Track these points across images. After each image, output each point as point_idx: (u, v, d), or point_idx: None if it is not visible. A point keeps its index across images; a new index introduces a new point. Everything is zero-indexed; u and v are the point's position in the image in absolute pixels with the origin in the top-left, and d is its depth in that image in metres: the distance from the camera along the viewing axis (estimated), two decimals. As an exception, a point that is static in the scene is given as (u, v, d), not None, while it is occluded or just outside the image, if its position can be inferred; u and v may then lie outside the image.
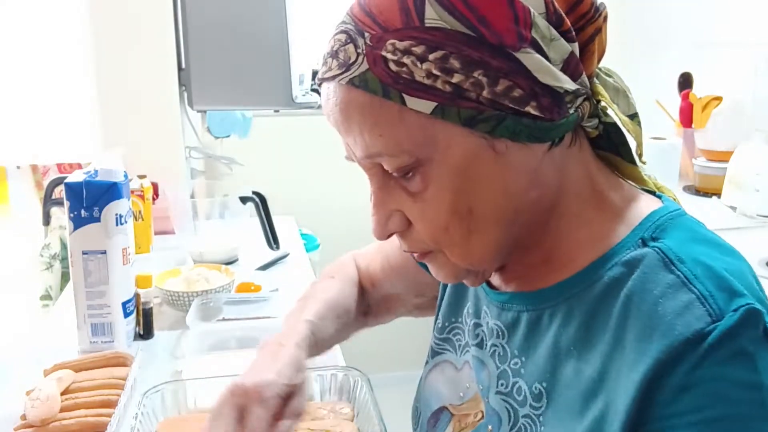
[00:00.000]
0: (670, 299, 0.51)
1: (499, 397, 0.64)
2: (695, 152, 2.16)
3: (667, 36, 2.36)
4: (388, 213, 0.60)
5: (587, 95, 0.58)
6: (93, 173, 1.09)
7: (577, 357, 0.57)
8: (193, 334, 1.08)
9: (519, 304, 0.64)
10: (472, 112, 0.53)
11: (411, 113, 0.54)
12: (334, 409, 0.85)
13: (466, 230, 0.58)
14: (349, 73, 0.54)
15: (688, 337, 0.49)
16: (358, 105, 0.55)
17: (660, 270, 0.53)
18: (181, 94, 1.77)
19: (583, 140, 0.61)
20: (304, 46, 1.78)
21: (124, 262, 1.12)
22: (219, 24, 1.62)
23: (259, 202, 1.52)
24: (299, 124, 2.63)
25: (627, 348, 0.53)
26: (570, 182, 0.60)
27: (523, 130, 0.54)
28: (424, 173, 0.56)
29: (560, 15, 0.55)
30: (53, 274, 1.61)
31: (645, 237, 0.57)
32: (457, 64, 0.52)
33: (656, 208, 0.60)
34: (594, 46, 0.58)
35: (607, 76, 0.62)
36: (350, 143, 0.58)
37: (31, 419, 0.85)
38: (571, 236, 0.61)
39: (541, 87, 0.54)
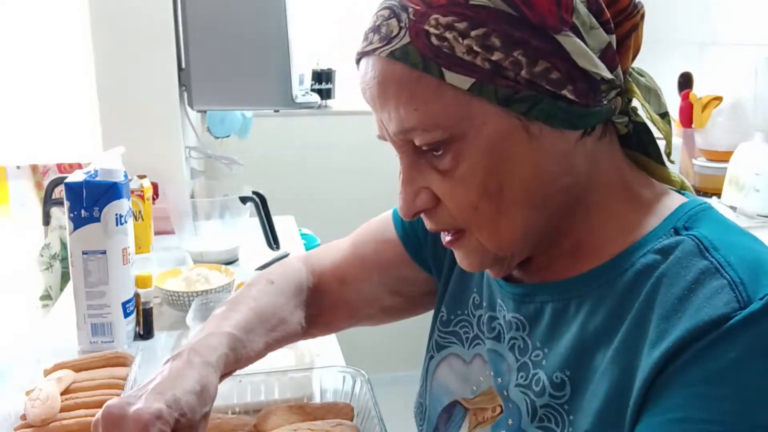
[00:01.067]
0: (702, 285, 0.52)
1: (518, 389, 0.64)
2: (695, 152, 2.16)
3: (667, 36, 2.36)
4: (416, 190, 0.60)
5: (621, 89, 0.58)
6: (93, 173, 1.09)
7: (608, 345, 0.57)
8: (193, 334, 1.08)
9: (543, 295, 0.64)
10: (509, 91, 0.54)
11: (449, 88, 0.54)
12: (334, 409, 0.85)
13: (496, 211, 0.58)
14: (391, 45, 0.55)
15: (713, 319, 0.49)
16: (396, 77, 0.55)
17: (695, 256, 0.54)
18: (181, 94, 1.77)
19: (613, 135, 0.61)
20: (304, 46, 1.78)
21: (124, 262, 1.12)
22: (219, 24, 1.62)
23: (259, 202, 1.52)
24: (299, 124, 2.63)
25: (650, 328, 0.53)
26: (600, 174, 0.60)
27: (558, 113, 0.55)
28: (456, 150, 0.56)
29: (600, 5, 0.56)
30: (53, 274, 1.61)
31: (677, 226, 0.57)
32: (497, 42, 0.53)
33: (685, 201, 0.60)
34: (630, 42, 0.59)
35: (639, 75, 0.62)
36: (384, 119, 0.58)
37: (31, 419, 0.85)
38: (599, 228, 0.61)
39: (578, 71, 0.54)
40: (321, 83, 2.57)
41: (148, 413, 0.55)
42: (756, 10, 2.03)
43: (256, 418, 0.86)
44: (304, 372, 0.93)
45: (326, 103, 2.60)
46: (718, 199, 1.95)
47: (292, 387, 0.91)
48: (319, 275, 0.86)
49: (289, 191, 2.52)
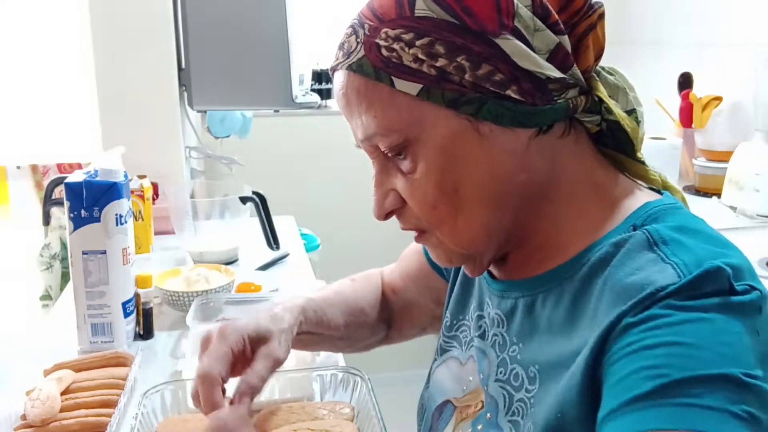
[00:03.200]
0: (645, 270, 0.54)
1: (497, 384, 0.66)
2: (695, 152, 2.16)
3: (667, 36, 2.36)
4: (385, 193, 0.65)
5: (581, 88, 0.60)
6: (93, 173, 1.09)
7: (565, 336, 0.59)
8: (193, 334, 1.08)
9: (516, 291, 0.67)
10: (455, 95, 0.57)
11: (400, 95, 0.58)
12: (334, 409, 0.85)
13: (453, 210, 0.61)
14: (349, 59, 0.60)
15: (651, 292, 0.51)
16: (355, 88, 0.60)
17: (643, 248, 0.56)
18: (181, 94, 1.77)
19: (581, 134, 0.63)
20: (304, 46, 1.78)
21: (124, 262, 1.12)
22: (219, 24, 1.62)
23: (259, 202, 1.52)
24: (299, 124, 2.63)
25: (599, 314, 0.55)
26: (564, 172, 0.62)
27: (505, 113, 0.58)
28: (413, 153, 0.60)
29: (546, 8, 0.58)
30: (53, 274, 1.61)
31: (636, 224, 0.59)
32: (441, 49, 0.57)
33: (651, 200, 0.62)
34: (588, 41, 0.61)
35: (608, 74, 0.64)
36: (354, 127, 0.64)
37: (31, 419, 0.85)
38: (566, 225, 0.63)
39: (521, 72, 0.57)
40: (321, 83, 2.57)
41: (229, 323, 0.71)
42: (756, 10, 2.03)
43: (256, 418, 0.86)
44: (304, 372, 0.93)
45: (326, 103, 2.60)
46: (718, 199, 1.95)
47: (292, 387, 0.91)
48: (383, 283, 0.95)
49: (289, 191, 2.52)
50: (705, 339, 0.48)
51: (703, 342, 0.48)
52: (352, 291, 0.90)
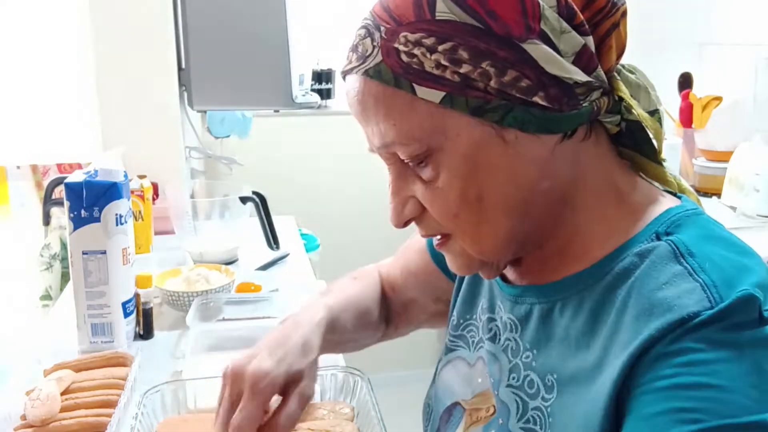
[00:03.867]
0: (673, 286, 0.52)
1: (509, 390, 0.65)
2: (695, 152, 2.16)
3: (667, 36, 2.36)
4: (404, 200, 0.63)
5: (604, 89, 0.58)
6: (93, 173, 1.09)
7: (584, 347, 0.58)
8: (193, 334, 1.08)
9: (532, 297, 0.65)
10: (480, 102, 0.55)
11: (421, 102, 0.56)
12: (334, 409, 0.85)
13: (476, 219, 0.59)
14: (365, 64, 0.57)
15: (682, 317, 0.50)
16: (372, 95, 0.57)
17: (669, 260, 0.54)
18: (181, 94, 1.77)
19: (601, 135, 0.61)
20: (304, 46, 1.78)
21: (124, 262, 1.12)
22: (219, 24, 1.62)
23: (259, 202, 1.52)
24: (299, 124, 2.63)
25: (623, 330, 0.54)
26: (585, 176, 0.60)
27: (532, 120, 0.55)
28: (435, 161, 0.58)
29: (572, 8, 0.56)
30: (53, 274, 1.61)
31: (659, 231, 0.57)
32: (465, 54, 0.54)
33: (673, 206, 0.60)
34: (611, 41, 0.58)
35: (629, 73, 0.62)
36: (369, 134, 0.61)
37: (31, 419, 0.85)
38: (586, 230, 0.61)
39: (548, 77, 0.55)
40: (321, 83, 2.57)
41: (259, 369, 0.66)
42: (756, 10, 2.03)
43: (256, 418, 0.86)
44: (304, 372, 0.92)
45: (326, 103, 2.60)
46: (718, 199, 1.95)
47: (292, 387, 0.91)
48: (382, 281, 0.93)
49: (289, 191, 2.52)
50: (739, 381, 0.47)
51: (737, 385, 0.47)
52: (358, 292, 0.88)
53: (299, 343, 0.70)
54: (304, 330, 0.72)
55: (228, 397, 0.66)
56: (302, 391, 0.69)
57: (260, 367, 0.66)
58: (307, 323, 0.74)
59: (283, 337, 0.71)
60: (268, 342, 0.71)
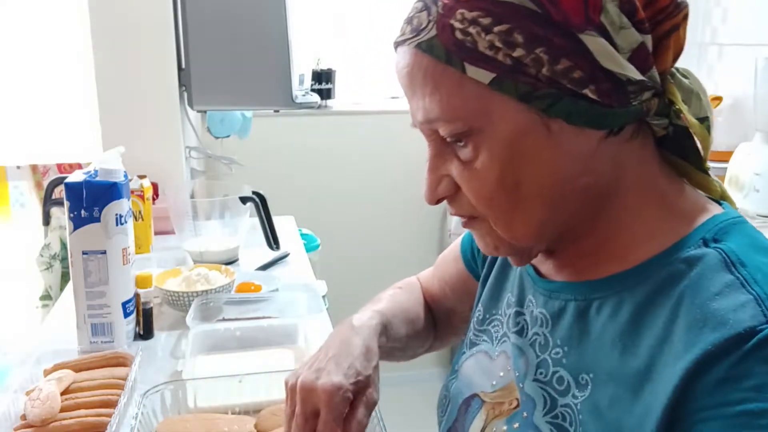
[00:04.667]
0: (726, 297, 0.51)
1: (536, 384, 0.65)
2: (695, 152, 2.16)
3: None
4: (439, 178, 0.62)
5: (656, 91, 0.58)
6: (93, 173, 1.09)
7: (622, 349, 0.57)
8: (193, 334, 1.08)
9: (567, 294, 0.64)
10: (529, 88, 0.54)
11: (470, 82, 0.55)
12: (334, 409, 0.85)
13: (511, 205, 0.59)
14: (419, 37, 0.57)
15: (739, 332, 0.49)
16: (422, 69, 0.57)
17: (720, 270, 0.53)
18: (181, 94, 1.77)
19: (648, 137, 0.60)
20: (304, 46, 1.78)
21: (124, 262, 1.12)
22: (219, 24, 1.62)
23: (259, 202, 1.52)
24: (299, 124, 2.63)
25: (675, 339, 0.53)
26: (628, 176, 0.60)
27: (579, 112, 0.55)
28: (475, 142, 0.57)
29: (634, 5, 0.55)
30: (53, 274, 1.61)
31: (707, 238, 0.57)
32: (520, 38, 0.53)
33: (719, 213, 0.60)
34: (669, 42, 0.58)
35: (683, 77, 0.61)
36: (413, 108, 0.60)
37: (31, 419, 0.85)
38: (627, 230, 0.61)
39: (602, 71, 0.54)
40: (321, 83, 2.57)
41: (332, 385, 0.66)
42: (756, 10, 2.03)
43: (256, 418, 0.86)
44: (304, 372, 0.92)
45: (326, 103, 2.60)
46: (718, 199, 1.94)
47: (292, 387, 0.91)
48: (423, 292, 0.94)
49: (289, 191, 2.52)
50: None
51: None
52: (405, 300, 0.88)
53: (362, 351, 0.71)
54: (363, 335, 0.73)
55: (302, 414, 0.67)
56: (368, 398, 0.70)
57: (332, 382, 0.66)
58: (365, 328, 0.75)
59: (345, 345, 0.72)
60: (331, 351, 0.71)
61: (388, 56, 2.70)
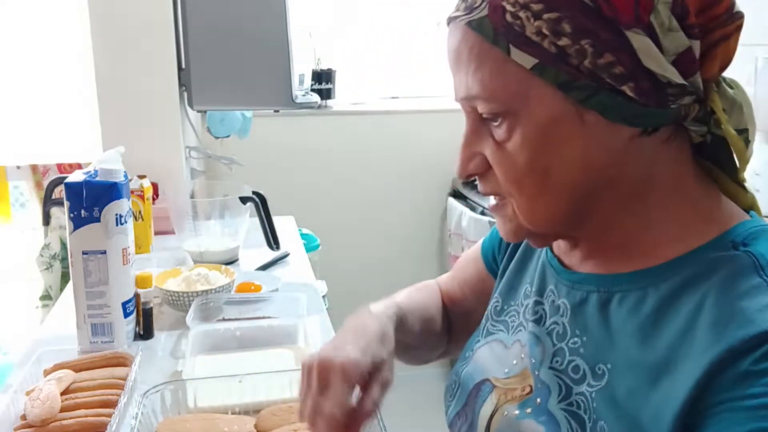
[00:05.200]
0: (753, 297, 0.52)
1: (552, 372, 0.66)
2: (695, 152, 2.16)
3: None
4: (472, 155, 0.64)
5: (698, 97, 0.58)
6: (93, 173, 1.09)
7: (642, 341, 0.58)
8: (193, 334, 1.08)
9: (590, 285, 0.65)
10: (569, 78, 0.55)
11: (512, 64, 0.57)
12: (334, 409, 0.85)
13: (538, 189, 0.60)
14: (470, 15, 0.58)
15: (764, 330, 0.49)
16: (468, 46, 0.59)
17: (749, 272, 0.54)
18: (181, 94, 1.77)
19: (685, 141, 0.61)
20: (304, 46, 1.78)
21: (124, 262, 1.12)
22: (219, 24, 1.62)
23: (259, 202, 1.52)
24: (299, 124, 2.63)
25: (699, 334, 0.53)
26: (662, 176, 0.60)
27: (615, 108, 0.56)
28: (511, 124, 0.59)
29: (686, 9, 0.55)
30: (53, 274, 1.61)
31: (736, 241, 0.57)
32: (567, 28, 0.55)
33: (748, 219, 0.61)
34: (717, 51, 0.58)
35: (728, 87, 0.61)
36: (456, 83, 0.62)
37: (31, 419, 0.85)
38: (657, 228, 0.61)
39: (643, 70, 0.55)
40: (321, 83, 2.57)
41: (348, 359, 0.67)
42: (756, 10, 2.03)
43: (256, 418, 0.86)
44: (304, 372, 0.92)
45: (326, 103, 2.60)
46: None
47: (292, 387, 0.91)
48: (442, 294, 0.94)
49: (289, 191, 2.52)
50: None
51: None
52: (423, 299, 0.89)
53: (378, 334, 0.72)
54: (380, 321, 0.75)
55: (317, 385, 0.67)
56: (384, 378, 0.70)
57: (349, 356, 0.67)
58: (382, 315, 0.76)
59: (362, 328, 0.73)
60: (349, 333, 0.73)
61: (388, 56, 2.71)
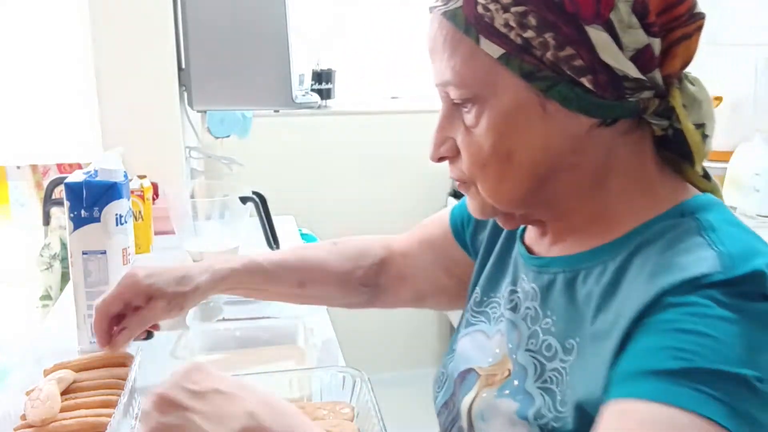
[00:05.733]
0: (692, 253, 0.56)
1: (528, 353, 0.69)
2: (695, 152, 2.16)
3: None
4: (444, 139, 0.68)
5: (657, 92, 0.62)
6: (93, 173, 1.09)
7: (600, 311, 0.62)
8: (193, 334, 1.08)
9: (557, 267, 0.69)
10: (532, 68, 0.59)
11: (481, 53, 0.61)
12: (334, 409, 0.85)
13: (500, 173, 0.64)
14: (446, 6, 0.62)
15: (694, 276, 0.54)
16: (443, 35, 0.63)
17: (692, 233, 0.59)
18: (181, 94, 1.77)
19: (646, 134, 0.65)
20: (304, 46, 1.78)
21: (124, 262, 1.12)
22: (219, 24, 1.62)
23: (259, 202, 1.52)
24: (299, 124, 2.63)
25: (637, 287, 0.58)
26: (619, 166, 0.64)
27: (574, 98, 0.60)
28: (479, 110, 0.63)
29: (647, 8, 0.59)
30: (53, 274, 1.61)
31: (685, 211, 0.62)
32: (533, 21, 0.58)
33: (699, 194, 0.65)
34: (678, 50, 0.62)
35: (690, 84, 0.65)
36: (434, 69, 0.66)
37: (31, 419, 0.85)
38: (614, 209, 0.66)
39: (600, 64, 0.58)
40: (321, 83, 2.57)
41: (132, 272, 0.83)
42: (756, 10, 2.03)
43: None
44: (304, 372, 0.93)
45: (326, 103, 2.60)
46: (718, 199, 1.94)
47: (292, 387, 0.91)
48: (389, 249, 0.99)
49: (289, 191, 2.52)
50: (733, 339, 0.51)
51: (731, 341, 0.51)
52: (325, 254, 0.96)
53: (179, 275, 0.84)
54: (197, 269, 0.86)
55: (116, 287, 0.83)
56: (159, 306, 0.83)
57: (135, 273, 0.82)
58: (207, 266, 0.87)
59: (182, 265, 0.87)
60: (170, 266, 0.86)
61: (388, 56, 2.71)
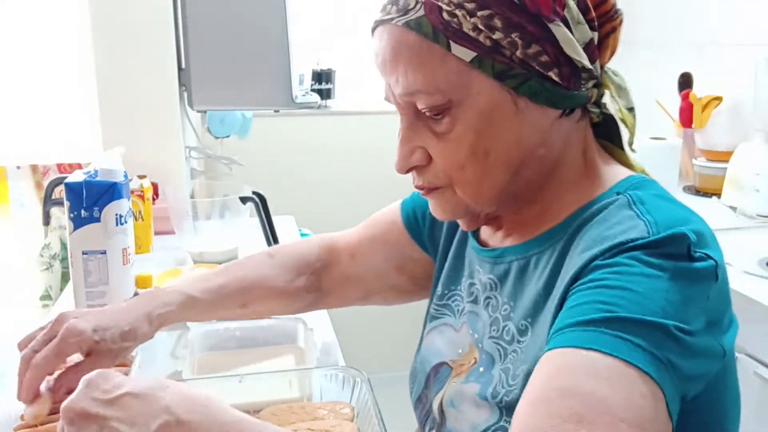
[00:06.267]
0: (621, 224, 0.60)
1: (491, 341, 0.73)
2: (695, 152, 2.16)
3: (667, 36, 2.36)
4: (412, 149, 0.69)
5: (597, 82, 0.68)
6: (93, 173, 1.09)
7: (551, 286, 0.65)
8: (193, 334, 1.08)
9: (511, 256, 0.73)
10: (504, 67, 0.62)
11: (453, 58, 0.63)
12: (334, 409, 0.85)
13: (480, 171, 0.66)
14: (407, 16, 0.63)
15: (621, 241, 0.58)
16: (408, 45, 0.64)
17: (623, 208, 0.63)
18: (181, 94, 1.77)
19: (587, 121, 0.71)
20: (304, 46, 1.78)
21: (124, 262, 1.12)
22: (219, 24, 1.62)
23: (259, 202, 1.52)
24: (299, 124, 2.63)
25: (573, 261, 0.62)
26: (571, 152, 0.69)
27: (543, 92, 0.63)
28: (453, 115, 0.64)
29: (587, 5, 0.64)
30: (53, 274, 1.61)
31: (620, 191, 0.66)
32: (499, 23, 0.61)
33: (633, 175, 0.70)
34: (608, 42, 0.68)
35: (613, 75, 0.71)
36: (392, 83, 0.67)
37: (28, 419, 0.85)
38: (562, 198, 0.70)
39: (564, 57, 0.63)
40: (321, 83, 2.57)
41: (76, 329, 0.75)
42: (756, 10, 2.03)
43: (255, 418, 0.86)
44: (304, 372, 0.93)
45: (326, 103, 2.61)
46: (718, 199, 1.95)
47: (292, 387, 0.91)
48: (333, 251, 0.97)
49: (289, 191, 2.52)
50: (655, 293, 0.55)
51: (652, 295, 0.54)
52: (265, 269, 0.93)
53: (124, 329, 0.79)
54: (137, 316, 0.80)
55: (43, 335, 0.76)
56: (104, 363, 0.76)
57: (76, 326, 0.75)
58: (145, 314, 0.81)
59: (121, 313, 0.80)
60: (109, 309, 0.80)
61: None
